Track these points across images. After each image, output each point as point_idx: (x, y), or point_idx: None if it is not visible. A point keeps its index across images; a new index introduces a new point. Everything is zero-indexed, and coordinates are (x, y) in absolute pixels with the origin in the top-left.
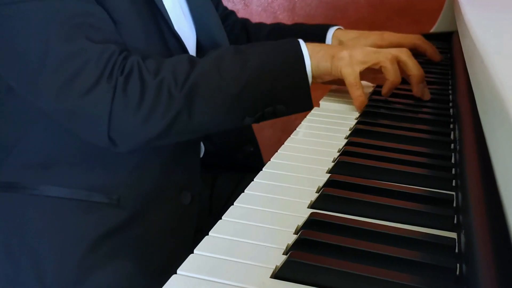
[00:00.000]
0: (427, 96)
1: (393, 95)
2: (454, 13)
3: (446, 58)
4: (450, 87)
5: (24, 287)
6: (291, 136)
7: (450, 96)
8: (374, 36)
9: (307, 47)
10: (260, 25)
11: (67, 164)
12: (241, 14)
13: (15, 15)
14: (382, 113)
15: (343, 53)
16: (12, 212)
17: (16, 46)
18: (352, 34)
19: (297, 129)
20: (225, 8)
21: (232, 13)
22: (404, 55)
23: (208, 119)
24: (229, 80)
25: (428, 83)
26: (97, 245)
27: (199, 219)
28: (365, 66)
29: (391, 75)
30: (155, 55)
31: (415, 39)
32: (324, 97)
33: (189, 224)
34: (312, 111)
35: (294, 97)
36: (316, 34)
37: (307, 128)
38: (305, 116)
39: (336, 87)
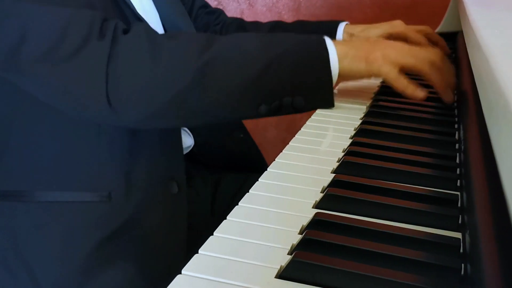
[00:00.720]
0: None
1: (399, 95)
2: (459, 13)
3: (451, 58)
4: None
5: None
6: (296, 136)
7: (455, 96)
8: (384, 25)
9: (336, 48)
10: (258, 24)
11: (52, 167)
12: (246, 14)
13: None
14: (387, 113)
15: (376, 54)
16: (4, 221)
17: None
18: (360, 26)
19: (301, 129)
20: (205, 5)
21: (220, 11)
22: (439, 60)
23: (222, 100)
24: (250, 60)
25: None
26: (94, 250)
27: (201, 220)
28: (401, 66)
29: (436, 82)
30: None
31: (425, 29)
32: None
33: (180, 215)
34: (317, 111)
35: (315, 91)
36: (324, 32)
37: (311, 128)
38: (310, 116)
39: (340, 87)
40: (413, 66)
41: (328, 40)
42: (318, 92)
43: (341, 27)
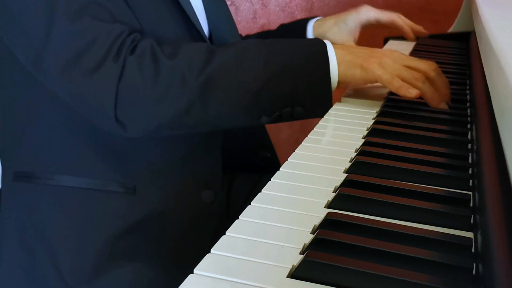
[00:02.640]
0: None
1: None
2: (472, 13)
3: (463, 58)
4: (467, 87)
5: (42, 278)
6: (309, 136)
7: (468, 96)
8: (352, 17)
9: (335, 52)
10: (248, 37)
11: (79, 153)
12: (259, 14)
13: None
14: (399, 113)
15: (372, 60)
16: (27, 202)
17: (21, 20)
18: (329, 21)
19: (314, 129)
20: None
21: None
22: (433, 72)
23: (223, 113)
24: (250, 75)
25: None
26: (115, 239)
27: (218, 219)
28: (396, 76)
29: (428, 96)
30: (172, 41)
31: (393, 15)
32: (341, 97)
33: (209, 223)
34: (330, 111)
35: (315, 101)
36: (297, 31)
37: (324, 128)
38: (323, 116)
39: (353, 88)
40: (406, 79)
41: (329, 48)
42: (318, 103)
43: (310, 25)
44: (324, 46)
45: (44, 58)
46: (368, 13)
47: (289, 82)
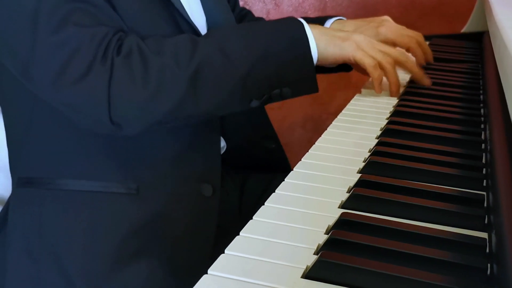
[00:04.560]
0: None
1: (424, 95)
2: (485, 13)
3: (476, 58)
4: (481, 87)
5: (49, 286)
6: (322, 136)
7: (481, 96)
8: (370, 31)
9: (312, 32)
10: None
11: (80, 155)
12: (272, 14)
13: (1, 5)
14: (413, 113)
15: (349, 41)
16: (31, 208)
17: (6, 35)
18: (349, 26)
19: (328, 129)
20: (242, 9)
21: (249, 13)
22: (402, 57)
23: (214, 102)
24: (235, 60)
25: (458, 83)
26: (122, 241)
27: (229, 220)
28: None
29: (391, 79)
30: (155, 36)
31: (410, 42)
32: (354, 97)
33: (211, 217)
34: (343, 111)
35: (300, 80)
36: None
37: (338, 128)
38: (336, 116)
39: (367, 86)
40: (380, 61)
41: (306, 26)
42: (303, 80)
43: (327, 25)
44: (301, 25)
45: (32, 71)
46: (387, 34)
47: (273, 65)
